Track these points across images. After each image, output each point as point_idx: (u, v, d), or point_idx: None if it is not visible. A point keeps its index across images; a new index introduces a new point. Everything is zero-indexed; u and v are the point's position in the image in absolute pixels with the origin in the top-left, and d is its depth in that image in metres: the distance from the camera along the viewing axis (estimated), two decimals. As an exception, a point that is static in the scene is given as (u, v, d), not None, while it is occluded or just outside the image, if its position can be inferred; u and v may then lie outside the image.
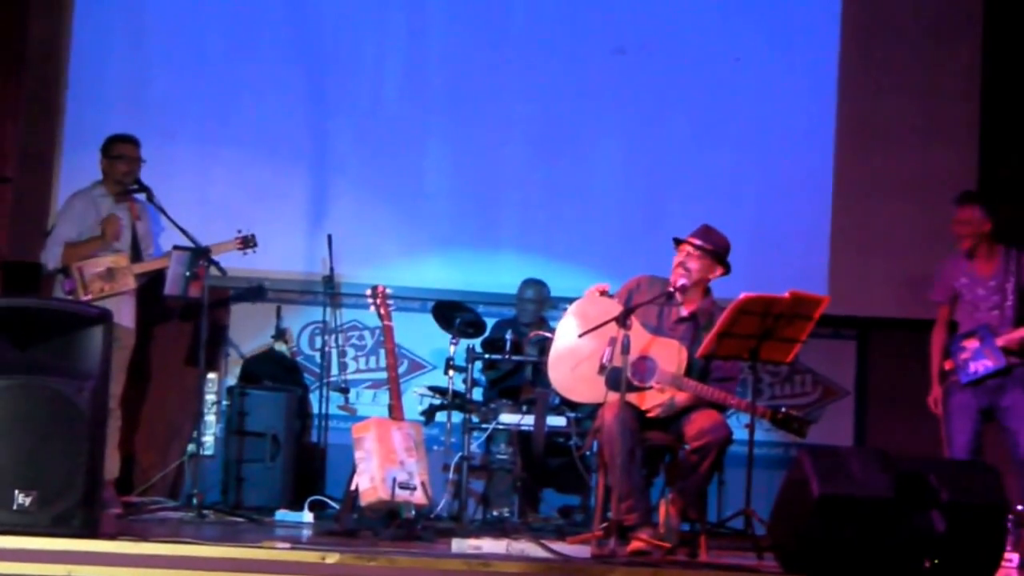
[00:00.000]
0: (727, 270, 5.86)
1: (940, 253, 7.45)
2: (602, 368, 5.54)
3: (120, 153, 6.93)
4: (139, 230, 7.01)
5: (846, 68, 8.03)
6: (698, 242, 5.80)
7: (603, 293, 5.74)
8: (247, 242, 7.07)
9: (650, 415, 5.65)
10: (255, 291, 7.68)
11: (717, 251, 5.80)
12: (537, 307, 7.43)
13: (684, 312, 5.85)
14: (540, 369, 6.79)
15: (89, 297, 6.67)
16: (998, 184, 7.84)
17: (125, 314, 6.81)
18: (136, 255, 6.94)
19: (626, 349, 5.35)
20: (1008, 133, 7.91)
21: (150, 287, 7.07)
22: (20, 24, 7.54)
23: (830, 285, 7.75)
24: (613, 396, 5.45)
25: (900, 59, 8.02)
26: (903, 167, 7.98)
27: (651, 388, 5.65)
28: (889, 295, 7.91)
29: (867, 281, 7.90)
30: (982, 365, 6.32)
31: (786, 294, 5.56)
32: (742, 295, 5.54)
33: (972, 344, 6.37)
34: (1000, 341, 6.31)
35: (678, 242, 5.84)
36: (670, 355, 5.68)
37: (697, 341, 5.72)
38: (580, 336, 5.62)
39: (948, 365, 6.50)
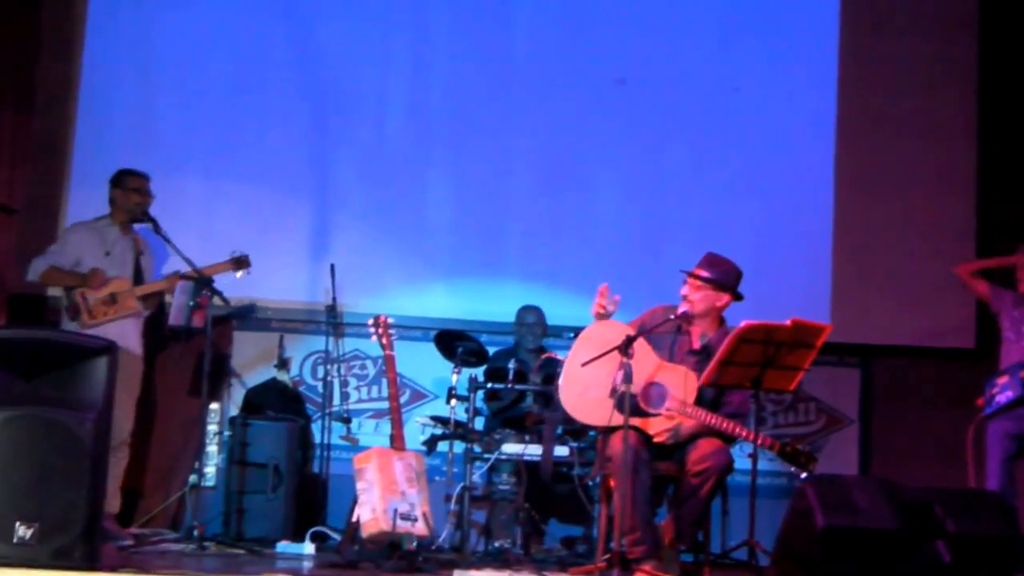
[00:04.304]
0: (735, 297, 5.85)
1: (943, 280, 7.46)
2: (613, 392, 5.52)
3: (137, 186, 6.99)
4: (142, 263, 7.08)
5: (845, 97, 8.05)
6: (697, 272, 5.81)
7: (604, 294, 5.72)
8: (240, 263, 7.06)
9: (656, 440, 5.64)
10: (246, 309, 7.66)
11: (715, 280, 5.80)
12: (541, 331, 7.42)
13: (695, 343, 5.85)
14: (544, 397, 6.78)
15: (95, 322, 6.70)
16: (998, 177, 7.93)
17: (132, 340, 6.87)
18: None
19: (628, 378, 5.34)
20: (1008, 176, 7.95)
21: (154, 318, 7.10)
22: (30, 61, 7.62)
23: (832, 313, 7.74)
24: (621, 420, 5.42)
25: (900, 92, 8.04)
26: (906, 193, 7.98)
27: (660, 415, 5.63)
28: (892, 322, 7.90)
29: (870, 308, 7.89)
30: (1005, 396, 6.55)
31: (788, 322, 5.55)
32: (743, 323, 5.53)
33: (1003, 380, 6.60)
34: (1022, 373, 6.50)
35: (685, 274, 5.85)
36: (679, 382, 5.67)
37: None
38: (583, 365, 5.61)
39: (980, 402, 6.68)
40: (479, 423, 7.10)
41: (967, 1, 8.10)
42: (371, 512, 5.87)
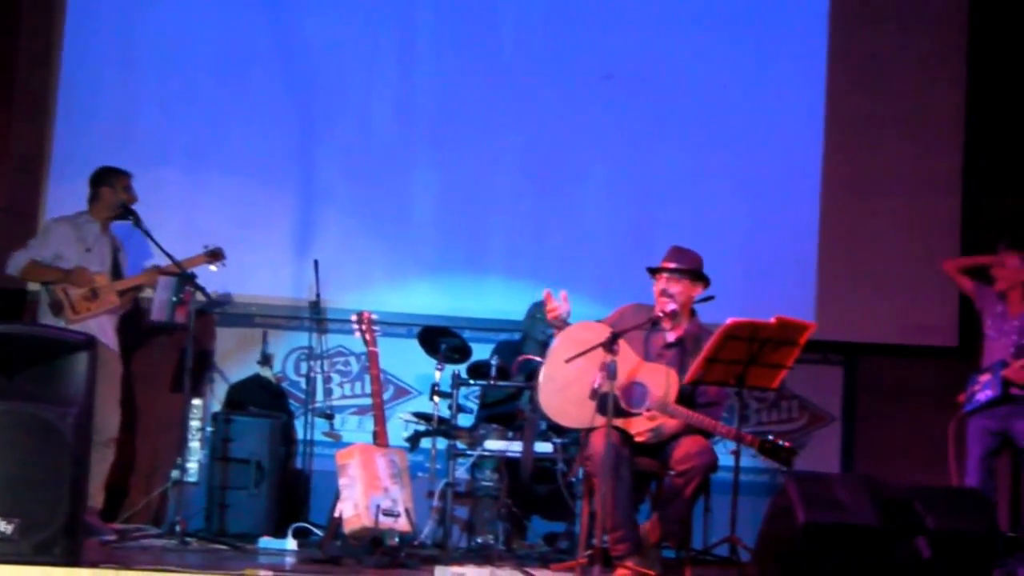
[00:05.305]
0: (707, 283, 5.87)
1: (927, 279, 7.48)
2: (594, 393, 5.50)
3: (126, 184, 7.01)
4: (119, 260, 7.09)
5: (833, 96, 8.05)
6: (673, 265, 5.81)
7: (549, 298, 5.70)
8: (215, 255, 7.08)
9: (638, 440, 5.64)
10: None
11: (693, 269, 5.82)
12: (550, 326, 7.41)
13: (671, 338, 5.85)
14: (533, 395, 6.78)
15: (79, 317, 6.72)
16: (983, 178, 7.95)
17: (109, 335, 6.87)
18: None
19: (612, 375, 5.34)
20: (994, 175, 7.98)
21: (131, 314, 7.12)
22: (9, 55, 7.59)
23: (817, 311, 7.75)
24: (603, 421, 5.42)
25: (888, 91, 8.05)
26: (891, 193, 8.00)
27: (641, 414, 5.63)
28: (876, 321, 7.91)
29: (854, 307, 7.90)
30: (985, 394, 6.60)
31: (772, 319, 5.56)
32: (729, 320, 5.53)
33: (985, 378, 6.65)
34: (1003, 372, 6.54)
35: (653, 272, 5.85)
36: (661, 381, 5.66)
37: (684, 366, 5.71)
38: (566, 362, 5.59)
39: (960, 398, 6.74)
40: (462, 419, 7.10)
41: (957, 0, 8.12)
42: (353, 508, 5.86)
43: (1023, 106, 7.91)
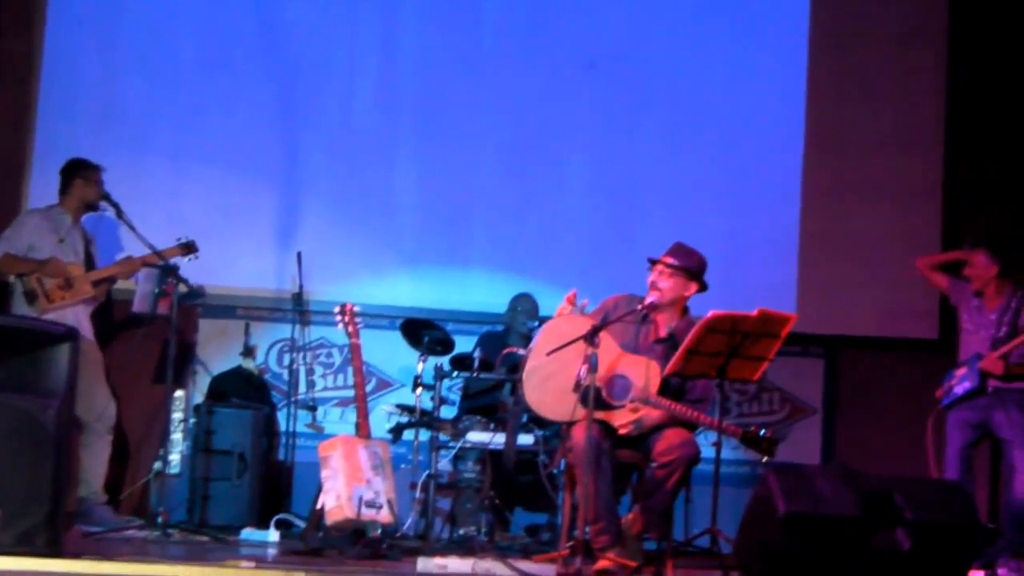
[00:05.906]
0: (703, 287, 5.86)
1: (909, 271, 7.52)
2: (577, 385, 5.50)
3: (98, 178, 7.01)
4: (91, 252, 7.10)
5: (814, 82, 8.08)
6: (668, 260, 5.81)
7: (571, 300, 5.71)
8: (188, 248, 7.08)
9: (621, 432, 5.65)
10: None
11: (687, 268, 5.81)
12: (533, 317, 7.40)
13: (661, 332, 5.85)
14: (516, 387, 6.78)
15: (53, 306, 6.71)
16: (961, 187, 7.99)
17: (84, 326, 6.86)
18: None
19: (594, 367, 5.34)
20: (973, 140, 8.01)
21: (108, 307, 7.14)
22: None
23: (798, 303, 7.79)
24: (584, 414, 5.43)
25: (867, 72, 8.08)
26: (872, 184, 8.03)
27: (624, 407, 5.63)
28: (857, 313, 7.95)
29: (835, 299, 7.94)
30: (962, 387, 6.67)
31: (754, 312, 5.57)
32: (710, 313, 5.54)
33: (961, 372, 6.72)
34: (980, 364, 6.60)
35: (652, 262, 5.85)
36: (642, 372, 5.66)
37: (673, 360, 5.72)
38: (548, 355, 5.60)
39: (939, 393, 6.80)
40: (446, 411, 7.11)
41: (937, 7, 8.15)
42: (336, 499, 5.87)
43: (1002, 118, 7.95)
